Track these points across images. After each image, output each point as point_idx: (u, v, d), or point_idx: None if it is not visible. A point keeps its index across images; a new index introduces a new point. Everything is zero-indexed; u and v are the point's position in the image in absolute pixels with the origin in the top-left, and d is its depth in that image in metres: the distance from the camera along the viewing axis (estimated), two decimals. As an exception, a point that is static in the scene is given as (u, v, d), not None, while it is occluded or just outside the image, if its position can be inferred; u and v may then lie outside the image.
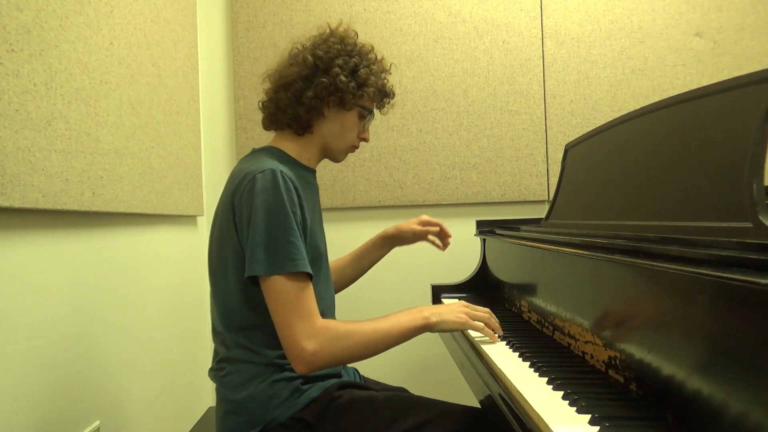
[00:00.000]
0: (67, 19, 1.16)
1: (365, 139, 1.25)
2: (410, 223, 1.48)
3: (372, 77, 1.18)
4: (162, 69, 1.68)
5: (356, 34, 1.22)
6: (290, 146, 1.19)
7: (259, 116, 2.31)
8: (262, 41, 2.23)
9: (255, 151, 1.20)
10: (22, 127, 1.00)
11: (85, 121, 1.22)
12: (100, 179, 1.27)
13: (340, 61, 1.15)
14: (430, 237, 1.50)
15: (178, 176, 1.80)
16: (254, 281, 1.03)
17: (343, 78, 1.13)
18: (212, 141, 2.24)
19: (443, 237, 1.51)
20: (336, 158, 1.25)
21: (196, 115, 2.03)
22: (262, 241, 1.00)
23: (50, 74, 1.09)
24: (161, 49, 1.68)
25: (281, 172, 1.04)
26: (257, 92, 2.21)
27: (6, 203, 0.95)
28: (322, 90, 1.14)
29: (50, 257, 1.14)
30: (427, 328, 1.09)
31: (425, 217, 1.50)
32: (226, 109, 2.26)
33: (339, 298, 1.29)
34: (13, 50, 0.98)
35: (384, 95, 1.24)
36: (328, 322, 1.03)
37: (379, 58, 1.23)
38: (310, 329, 0.99)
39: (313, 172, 1.25)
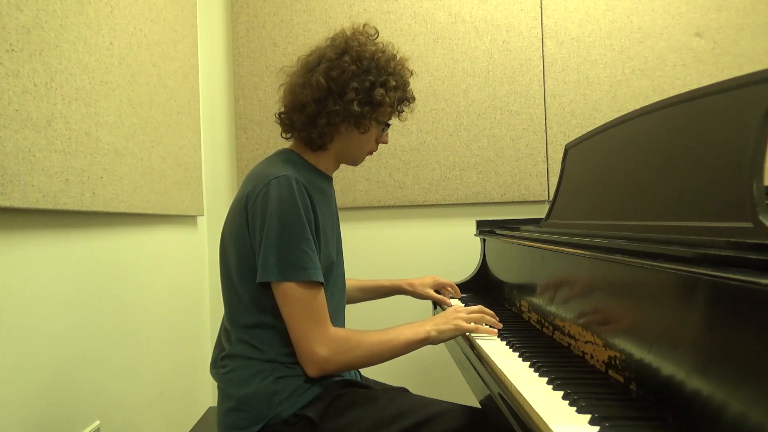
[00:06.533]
0: (67, 19, 1.16)
1: (384, 142, 1.25)
2: (425, 285, 1.58)
3: (390, 94, 1.14)
4: (162, 69, 1.68)
5: (377, 32, 1.19)
6: (308, 153, 1.20)
7: (259, 116, 2.32)
8: (262, 41, 2.23)
9: (276, 153, 1.20)
10: (22, 127, 1.00)
11: (85, 121, 1.22)
12: (100, 179, 1.27)
13: (354, 84, 1.11)
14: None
15: (178, 176, 1.80)
16: (264, 284, 1.05)
17: (355, 107, 1.11)
18: (212, 141, 2.24)
19: (456, 293, 1.67)
20: (354, 164, 1.26)
21: (196, 115, 2.03)
22: (274, 248, 1.02)
23: (50, 74, 1.09)
24: (161, 49, 1.68)
25: (295, 178, 1.05)
26: (257, 92, 2.22)
27: (6, 203, 0.95)
28: (335, 117, 1.12)
29: (50, 257, 1.14)
30: (428, 341, 1.13)
31: (440, 280, 1.62)
32: (226, 109, 2.26)
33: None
34: (13, 50, 0.98)
35: (403, 103, 1.21)
36: (339, 331, 1.07)
37: (400, 62, 1.18)
38: (323, 336, 1.03)
39: (330, 179, 1.24)
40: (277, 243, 1.02)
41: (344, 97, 1.11)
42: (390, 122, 1.22)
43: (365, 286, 1.56)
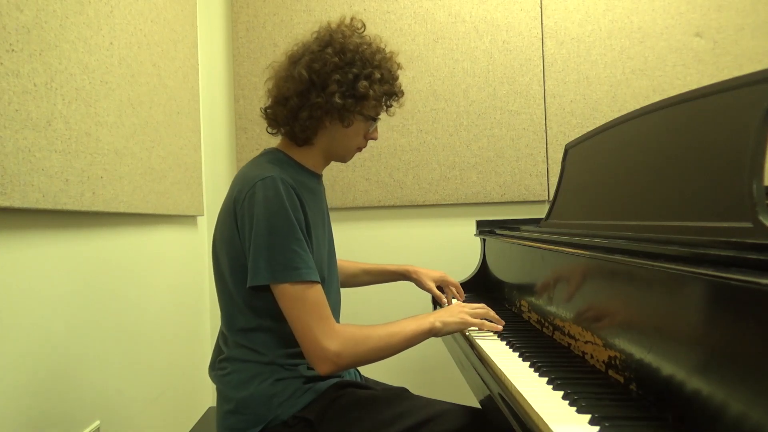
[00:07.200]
0: (67, 19, 1.16)
1: (374, 138, 1.23)
2: (429, 277, 1.53)
3: (374, 87, 1.11)
4: (162, 69, 1.68)
5: (363, 26, 1.17)
6: (295, 151, 1.18)
7: (259, 116, 2.31)
8: (262, 41, 2.23)
9: (262, 154, 1.19)
10: (22, 127, 1.00)
11: (85, 121, 1.22)
12: (100, 179, 1.27)
13: (337, 76, 1.09)
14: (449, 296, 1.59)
15: (178, 176, 1.80)
16: (258, 288, 1.03)
17: (338, 99, 1.08)
18: (212, 141, 2.24)
19: (459, 296, 1.60)
20: (342, 161, 1.24)
21: (196, 115, 2.03)
22: (263, 251, 1.01)
23: (50, 74, 1.09)
24: (161, 49, 1.68)
25: (281, 179, 1.03)
26: (257, 92, 2.22)
27: (6, 203, 0.95)
28: (317, 110, 1.10)
29: (50, 257, 1.14)
30: (432, 332, 1.12)
31: (447, 278, 1.55)
32: (226, 109, 2.26)
33: (343, 298, 1.29)
34: (13, 50, 0.98)
35: (390, 98, 1.19)
36: (345, 326, 1.06)
37: (387, 55, 1.16)
38: (329, 331, 1.01)
39: (319, 177, 1.23)
40: (266, 246, 1.00)
41: (326, 89, 1.09)
42: (378, 117, 1.19)
43: (372, 269, 1.55)
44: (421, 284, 1.53)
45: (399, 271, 1.55)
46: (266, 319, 1.07)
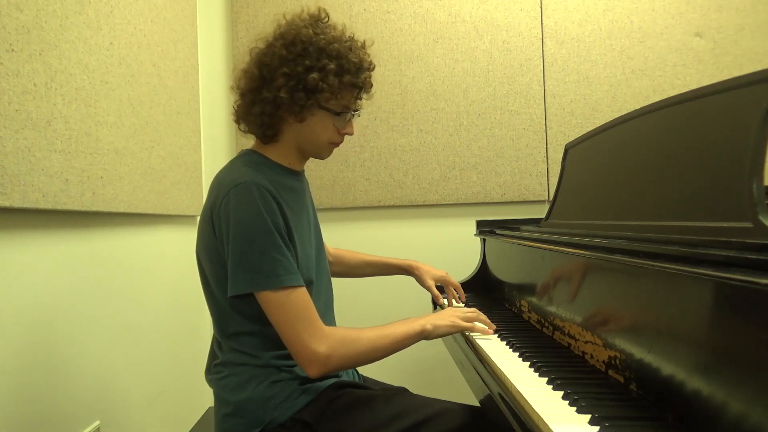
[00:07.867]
0: (67, 19, 1.16)
1: (348, 133, 1.15)
2: (430, 275, 1.53)
3: (327, 80, 1.04)
4: (162, 69, 1.68)
5: (327, 16, 1.11)
6: (267, 149, 1.15)
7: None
8: (262, 41, 2.23)
9: (238, 156, 1.16)
10: (22, 127, 1.00)
11: (85, 121, 1.22)
12: (100, 179, 1.27)
13: (285, 69, 1.04)
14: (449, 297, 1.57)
15: (178, 176, 1.80)
16: (242, 294, 1.01)
17: (283, 94, 1.04)
18: (212, 141, 2.24)
19: (459, 297, 1.59)
20: (318, 157, 1.19)
21: (196, 115, 2.03)
22: (242, 260, 0.99)
23: (50, 74, 1.09)
24: (161, 49, 1.68)
25: (256, 184, 1.00)
26: (257, 92, 2.21)
27: (6, 203, 0.95)
28: (266, 105, 1.07)
29: (50, 257, 1.14)
30: (423, 335, 1.11)
31: (449, 278, 1.55)
32: (226, 109, 2.26)
33: (339, 296, 1.29)
34: (13, 50, 0.98)
35: (359, 90, 1.12)
36: (333, 328, 1.05)
37: (350, 45, 1.09)
38: (318, 333, 1.00)
39: (298, 174, 1.19)
40: (244, 255, 0.99)
41: (273, 83, 1.06)
42: (345, 110, 1.11)
43: (375, 262, 1.55)
44: (421, 281, 1.53)
45: (401, 265, 1.55)
46: (256, 324, 1.06)
